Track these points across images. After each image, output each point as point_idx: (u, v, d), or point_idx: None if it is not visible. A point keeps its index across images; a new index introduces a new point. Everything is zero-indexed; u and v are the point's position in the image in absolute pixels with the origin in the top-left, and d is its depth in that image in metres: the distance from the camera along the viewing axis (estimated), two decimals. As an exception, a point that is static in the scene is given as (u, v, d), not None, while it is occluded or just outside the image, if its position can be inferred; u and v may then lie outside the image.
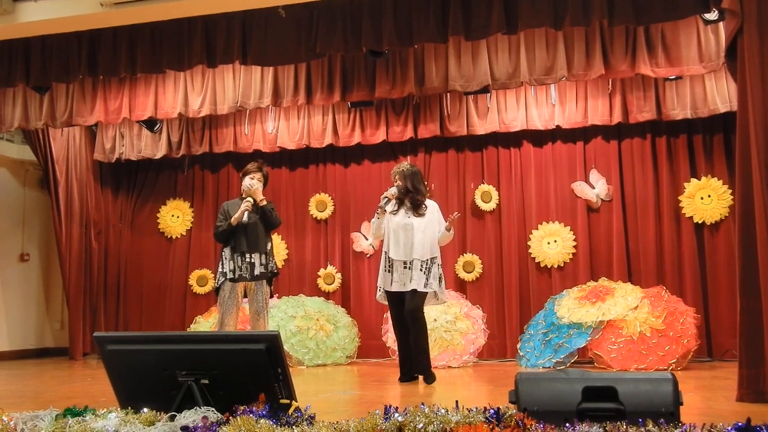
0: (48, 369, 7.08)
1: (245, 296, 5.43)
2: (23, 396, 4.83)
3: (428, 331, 5.53)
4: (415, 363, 5.30)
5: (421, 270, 5.20)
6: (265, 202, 5.42)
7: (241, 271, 5.31)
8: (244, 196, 5.46)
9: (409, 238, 5.26)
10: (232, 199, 5.85)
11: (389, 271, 5.30)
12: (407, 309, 5.21)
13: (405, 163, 5.64)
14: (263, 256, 5.37)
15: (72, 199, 8.32)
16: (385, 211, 5.38)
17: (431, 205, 5.45)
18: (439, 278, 5.32)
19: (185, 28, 5.85)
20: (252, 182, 5.42)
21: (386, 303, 5.47)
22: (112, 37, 5.99)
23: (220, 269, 5.38)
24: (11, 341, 8.31)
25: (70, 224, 8.28)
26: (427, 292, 5.24)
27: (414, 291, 5.19)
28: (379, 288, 5.41)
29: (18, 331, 8.42)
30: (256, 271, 5.32)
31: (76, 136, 8.40)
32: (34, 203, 8.77)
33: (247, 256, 5.32)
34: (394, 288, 5.27)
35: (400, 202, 5.39)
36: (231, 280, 5.30)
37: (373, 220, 5.47)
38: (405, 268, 5.24)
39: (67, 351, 8.32)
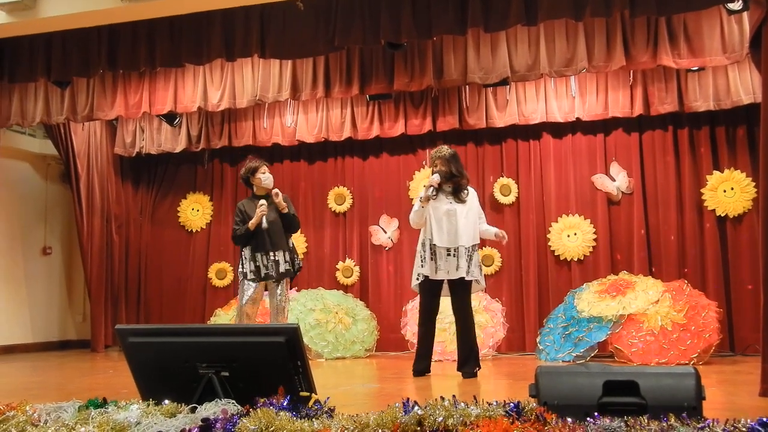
0: (70, 361, 7.16)
1: (266, 289, 5.46)
2: (46, 387, 4.89)
3: (448, 325, 5.53)
4: (463, 360, 5.15)
5: (466, 257, 5.11)
6: (286, 210, 5.42)
7: (267, 270, 5.34)
8: (258, 192, 5.46)
9: (453, 225, 5.12)
10: (244, 198, 5.76)
11: (433, 259, 5.14)
12: (457, 306, 5.13)
13: (444, 147, 5.43)
14: (287, 253, 5.41)
15: (93, 193, 8.40)
16: (430, 199, 5.21)
17: (471, 191, 5.34)
18: (480, 266, 5.28)
19: (204, 22, 5.87)
20: (268, 178, 5.43)
21: (419, 291, 5.33)
22: (132, 32, 6.03)
23: (240, 269, 5.41)
24: (34, 333, 8.42)
25: (92, 218, 8.36)
26: (472, 282, 5.16)
27: (461, 280, 5.09)
28: (417, 276, 5.21)
29: (41, 323, 8.53)
30: (281, 269, 5.36)
31: (96, 131, 8.48)
32: (56, 197, 8.86)
33: (272, 254, 5.35)
34: (440, 276, 5.13)
35: (439, 187, 5.25)
36: (256, 279, 5.33)
37: (415, 208, 5.27)
38: (449, 255, 5.11)
39: (89, 343, 8.42)
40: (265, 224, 5.31)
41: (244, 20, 5.81)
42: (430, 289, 5.20)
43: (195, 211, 8.67)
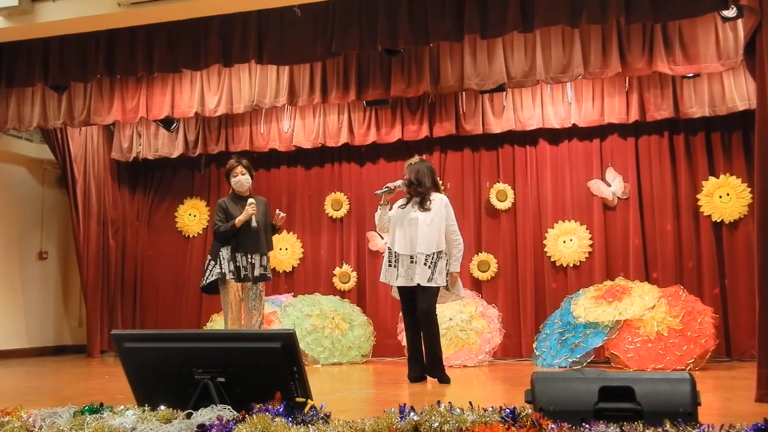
0: (66, 366, 7.14)
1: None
2: (41, 393, 4.88)
3: (444, 330, 5.52)
4: (429, 366, 5.21)
5: (425, 264, 5.09)
6: (277, 226, 5.58)
7: (246, 271, 5.34)
8: (241, 194, 5.45)
9: (413, 232, 5.18)
10: (224, 197, 5.67)
11: (394, 266, 5.23)
12: (419, 310, 5.14)
13: (415, 157, 5.58)
14: (264, 258, 5.44)
15: (90, 198, 8.39)
16: (387, 201, 5.30)
17: (438, 199, 5.28)
18: (447, 273, 5.20)
19: (201, 27, 5.89)
20: (239, 182, 5.42)
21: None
22: (129, 37, 6.04)
23: (218, 269, 5.35)
24: (30, 338, 8.40)
25: (88, 223, 8.35)
26: (437, 289, 5.13)
27: (421, 287, 5.11)
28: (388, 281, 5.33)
29: (36, 328, 8.51)
30: (257, 272, 5.39)
31: (93, 136, 8.47)
32: (52, 202, 8.85)
33: (250, 256, 5.36)
34: (400, 282, 5.20)
35: (410, 197, 5.32)
36: (236, 279, 5.32)
37: (377, 212, 5.40)
38: (411, 262, 5.15)
39: (84, 348, 8.40)
40: (254, 223, 5.30)
41: (242, 26, 5.82)
42: (402, 295, 5.28)
43: (192, 216, 8.67)
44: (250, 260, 5.36)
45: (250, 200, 5.35)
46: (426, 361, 5.23)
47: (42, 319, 8.59)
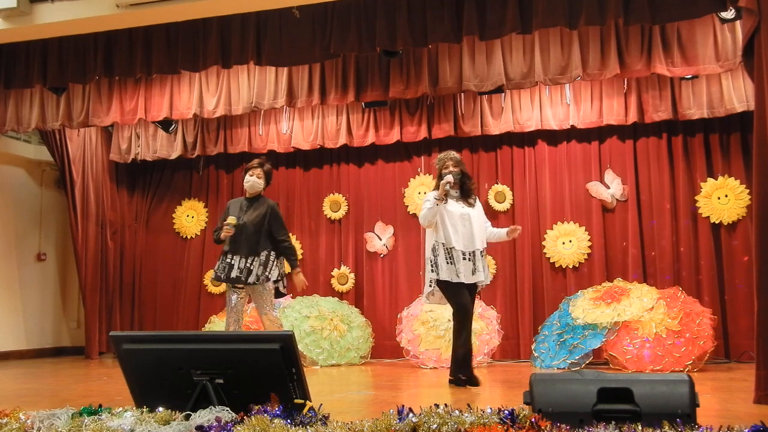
0: (64, 368, 7.13)
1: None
2: (40, 394, 4.87)
3: (443, 332, 5.50)
4: (465, 364, 4.99)
5: (482, 261, 5.06)
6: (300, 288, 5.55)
7: (239, 273, 5.28)
8: (247, 195, 5.51)
9: (468, 228, 5.06)
10: (237, 197, 5.78)
11: (451, 263, 5.00)
12: (471, 308, 5.05)
13: (451, 151, 5.37)
14: (245, 260, 5.30)
15: (88, 199, 8.38)
16: (444, 197, 5.08)
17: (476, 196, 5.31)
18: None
19: (200, 29, 5.89)
20: (248, 181, 5.44)
21: (435, 303, 5.24)
22: (128, 38, 6.04)
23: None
24: (28, 340, 8.39)
25: (87, 224, 8.34)
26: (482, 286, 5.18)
27: (475, 285, 5.06)
28: (430, 283, 5.06)
29: (35, 330, 8.49)
30: (233, 274, 5.29)
31: (92, 137, 8.47)
32: (50, 203, 8.84)
33: (231, 258, 5.31)
34: (463, 279, 5.00)
35: (458, 191, 5.17)
36: (221, 279, 5.34)
37: (428, 206, 5.06)
38: (465, 259, 5.02)
39: (83, 350, 8.39)
40: (230, 230, 5.28)
41: (241, 27, 5.82)
42: (457, 290, 5.01)
43: (190, 217, 8.66)
44: (229, 261, 5.31)
45: (229, 220, 5.30)
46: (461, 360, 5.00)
47: (40, 320, 8.58)
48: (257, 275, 5.28)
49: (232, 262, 5.29)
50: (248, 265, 5.28)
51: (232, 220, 5.30)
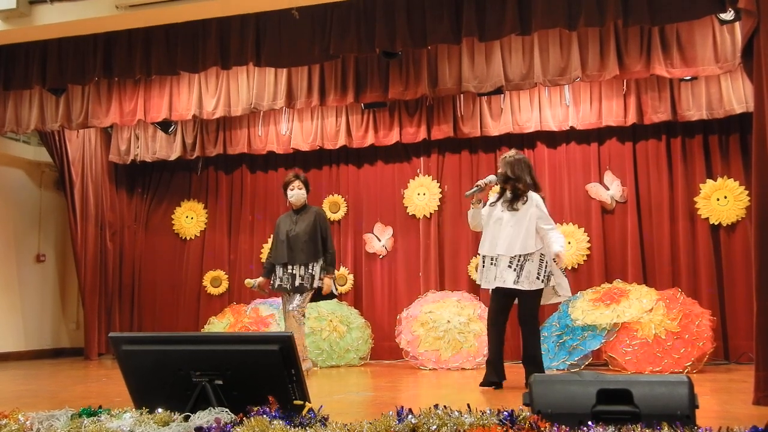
0: (63, 369, 7.13)
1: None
2: (39, 396, 4.87)
3: (442, 333, 5.48)
4: (526, 367, 4.88)
5: (510, 267, 4.84)
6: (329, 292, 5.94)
7: (281, 282, 5.85)
8: (294, 208, 6.03)
9: (496, 233, 4.94)
10: (284, 212, 6.29)
11: (483, 267, 5.01)
12: (520, 314, 4.94)
13: (512, 150, 5.26)
14: (288, 268, 5.84)
15: (87, 201, 8.38)
16: (479, 200, 5.04)
17: (532, 199, 4.94)
18: (546, 275, 4.90)
19: (199, 30, 5.89)
20: (293, 196, 5.97)
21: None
22: (127, 40, 6.04)
23: None
24: (27, 341, 8.39)
25: (86, 225, 8.34)
26: (535, 292, 4.87)
27: (519, 291, 4.85)
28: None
29: (34, 331, 8.49)
30: (276, 283, 5.88)
31: (91, 138, 8.47)
32: (50, 204, 8.84)
33: (289, 268, 5.83)
34: (485, 285, 5.00)
35: (502, 193, 5.06)
36: (278, 289, 5.97)
37: (469, 210, 5.15)
38: (490, 264, 4.95)
39: (82, 351, 8.38)
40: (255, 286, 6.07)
41: (240, 28, 5.82)
42: (492, 295, 5.02)
43: (189, 218, 8.66)
44: (291, 271, 5.84)
45: (253, 282, 6.08)
46: (525, 367, 4.91)
47: (39, 321, 8.58)
48: (320, 278, 5.87)
49: (294, 272, 5.82)
50: (310, 271, 5.83)
51: (248, 283, 6.08)
